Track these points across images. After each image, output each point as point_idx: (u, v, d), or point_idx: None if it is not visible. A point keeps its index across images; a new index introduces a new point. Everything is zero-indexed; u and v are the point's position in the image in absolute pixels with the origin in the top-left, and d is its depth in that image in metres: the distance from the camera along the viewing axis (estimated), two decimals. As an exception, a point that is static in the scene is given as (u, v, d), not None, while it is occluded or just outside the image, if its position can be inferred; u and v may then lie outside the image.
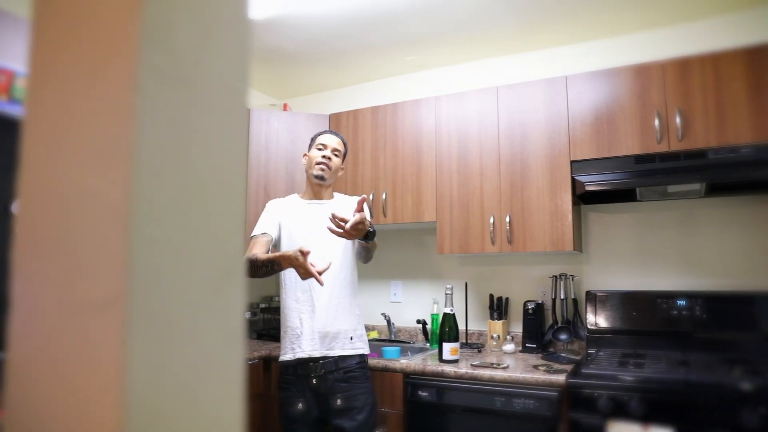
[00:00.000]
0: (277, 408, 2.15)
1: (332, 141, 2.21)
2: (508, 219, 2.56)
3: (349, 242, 2.14)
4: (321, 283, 1.84)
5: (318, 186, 2.18)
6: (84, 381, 0.33)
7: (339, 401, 2.03)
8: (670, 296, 2.46)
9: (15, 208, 0.39)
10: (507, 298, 2.85)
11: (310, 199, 2.21)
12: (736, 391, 1.83)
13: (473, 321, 2.94)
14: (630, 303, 2.53)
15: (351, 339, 2.12)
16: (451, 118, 2.77)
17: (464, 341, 2.83)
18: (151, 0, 0.34)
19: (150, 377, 0.33)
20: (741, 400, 1.79)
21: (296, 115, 3.15)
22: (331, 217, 1.87)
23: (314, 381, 2.04)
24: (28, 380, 0.37)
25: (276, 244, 2.17)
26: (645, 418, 1.89)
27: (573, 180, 2.46)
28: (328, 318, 2.08)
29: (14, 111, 1.73)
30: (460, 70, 3.17)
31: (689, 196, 2.49)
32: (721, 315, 2.36)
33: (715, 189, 2.39)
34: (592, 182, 2.38)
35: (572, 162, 2.47)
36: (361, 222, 1.85)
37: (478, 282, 2.98)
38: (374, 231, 2.02)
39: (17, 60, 1.94)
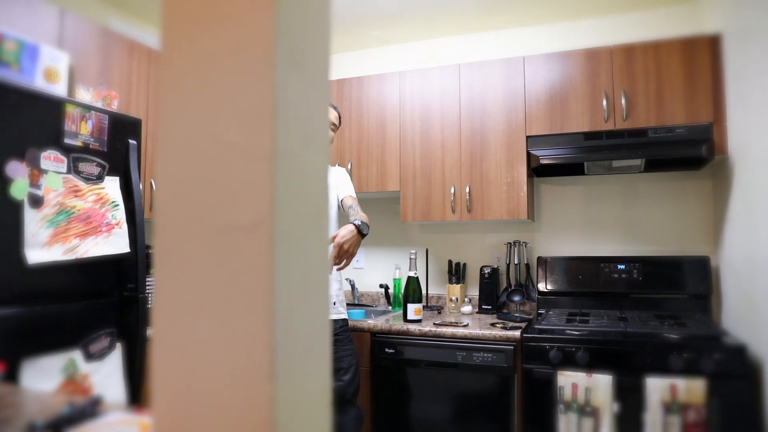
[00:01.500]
0: None
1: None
2: (467, 189, 2.75)
3: (334, 209, 2.24)
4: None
5: None
6: (236, 290, 0.45)
7: None
8: (612, 261, 2.72)
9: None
10: (465, 264, 3.05)
11: None
12: (665, 340, 2.09)
13: (433, 285, 3.14)
14: (576, 267, 2.78)
15: (334, 304, 2.19)
16: (415, 93, 2.90)
17: (425, 304, 3.03)
18: (279, 2, 0.47)
19: (288, 286, 0.46)
20: (669, 347, 2.06)
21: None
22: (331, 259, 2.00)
23: None
24: (174, 298, 0.49)
25: None
26: (589, 366, 2.13)
27: (528, 154, 2.65)
28: None
29: (0, 73, 1.73)
30: (424, 46, 3.30)
31: (630, 170, 2.74)
32: (655, 277, 2.64)
33: (653, 164, 2.65)
34: (545, 156, 2.58)
35: (528, 137, 2.67)
36: (340, 248, 1.99)
37: (438, 249, 3.17)
38: (363, 224, 2.10)
39: (3, 23, 1.92)
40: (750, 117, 2.10)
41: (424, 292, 3.04)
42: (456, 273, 3.01)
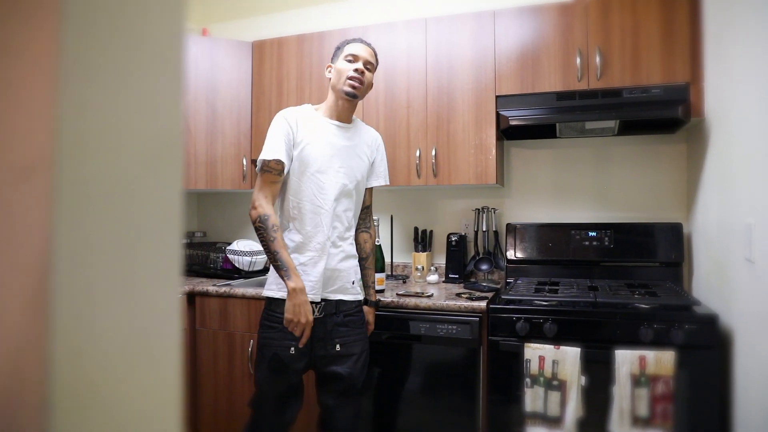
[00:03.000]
0: (255, 349, 1.99)
1: (364, 52, 1.89)
2: (434, 152, 2.59)
3: (363, 183, 2.00)
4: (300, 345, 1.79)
5: (346, 103, 1.90)
6: (3, 249, 0.30)
7: (338, 347, 1.86)
8: (583, 228, 2.62)
9: None
10: (431, 231, 2.92)
11: (334, 119, 1.92)
12: (635, 311, 2.00)
13: (398, 253, 3.01)
14: (546, 234, 2.67)
15: (353, 283, 1.95)
16: (379, 50, 2.71)
17: (389, 273, 2.90)
18: None
19: (75, 250, 0.30)
20: (639, 318, 1.97)
21: (217, 41, 2.97)
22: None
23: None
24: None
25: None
26: (557, 338, 2.04)
27: (498, 115, 2.50)
28: (343, 261, 1.91)
29: None
30: None
31: (604, 133, 2.62)
32: (626, 244, 2.55)
33: (627, 127, 2.53)
34: (516, 117, 2.44)
35: (497, 97, 2.51)
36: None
37: (404, 215, 3.03)
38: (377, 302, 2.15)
39: None
40: (729, 77, 1.98)
41: (388, 260, 2.91)
42: (422, 241, 2.88)
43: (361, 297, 2.01)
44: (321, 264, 1.84)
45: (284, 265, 1.74)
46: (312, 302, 1.80)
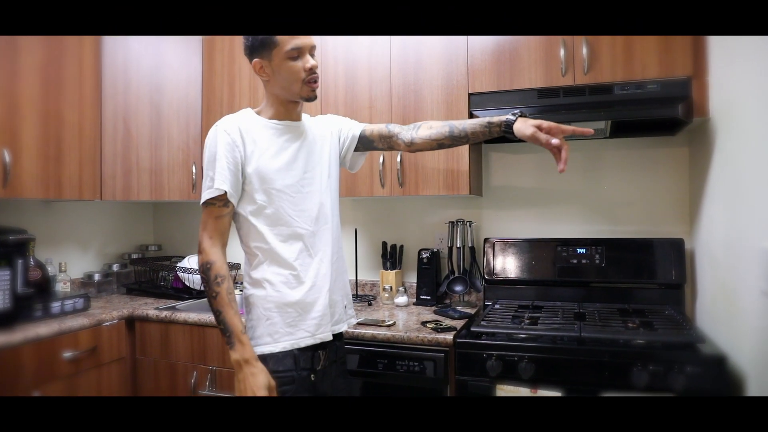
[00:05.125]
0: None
1: (306, 39, 1.43)
2: (399, 159, 2.28)
3: (336, 181, 1.61)
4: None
5: (294, 105, 1.52)
6: None
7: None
8: (571, 243, 2.30)
9: None
10: (401, 246, 2.61)
11: (281, 119, 1.50)
12: (627, 349, 1.68)
13: (365, 271, 2.69)
14: (529, 251, 2.35)
15: (345, 307, 1.59)
16: (338, 44, 2.40)
17: (354, 293, 2.58)
18: None
19: None
20: (632, 357, 1.65)
21: (161, 37, 2.65)
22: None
23: (313, 377, 1.46)
24: None
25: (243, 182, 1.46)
26: (534, 381, 1.72)
27: (471, 115, 2.19)
28: (336, 281, 1.54)
29: None
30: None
31: (594, 136, 2.30)
32: (620, 263, 2.22)
33: (620, 129, 2.21)
34: (490, 118, 2.11)
35: (470, 95, 2.20)
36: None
37: (370, 228, 2.71)
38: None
39: None
40: (737, 70, 1.66)
41: (351, 278, 2.59)
42: (391, 257, 2.56)
43: (354, 319, 1.65)
44: (322, 298, 1.47)
45: (227, 330, 1.35)
46: (319, 346, 1.47)
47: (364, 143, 1.66)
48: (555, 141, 1.36)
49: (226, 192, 1.39)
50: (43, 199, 2.36)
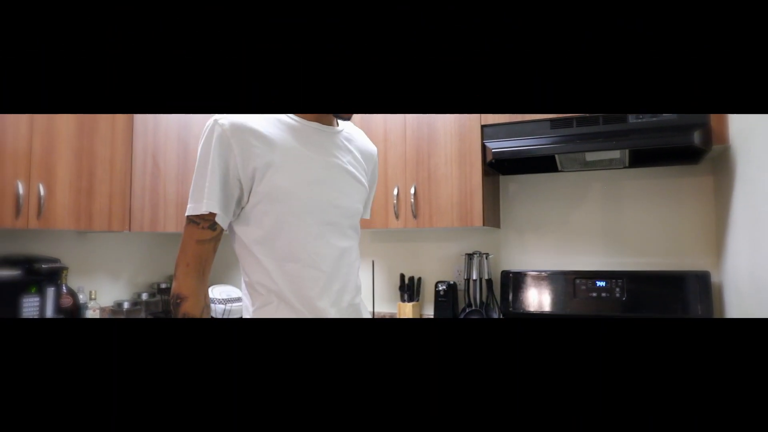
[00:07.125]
0: None
1: None
2: (413, 191, 2.29)
3: (359, 212, 1.27)
4: None
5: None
6: None
7: None
8: (590, 276, 2.23)
9: None
10: (419, 278, 2.59)
11: (312, 119, 1.17)
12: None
13: (383, 303, 2.69)
14: (547, 284, 2.29)
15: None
16: (357, 78, 2.46)
17: (372, 326, 2.57)
18: None
19: None
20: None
21: (192, 74, 2.79)
22: None
23: None
24: None
25: (241, 200, 1.14)
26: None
27: (484, 147, 2.19)
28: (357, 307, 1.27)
29: None
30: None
31: (612, 166, 2.25)
32: (642, 297, 2.14)
33: (639, 158, 2.16)
34: (500, 149, 2.11)
35: (483, 126, 2.20)
36: None
37: (388, 260, 2.71)
38: None
39: None
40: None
41: (369, 310, 2.59)
42: (409, 289, 2.55)
43: None
44: None
45: None
46: None
47: None
48: None
49: (214, 212, 1.09)
50: (76, 229, 2.48)
